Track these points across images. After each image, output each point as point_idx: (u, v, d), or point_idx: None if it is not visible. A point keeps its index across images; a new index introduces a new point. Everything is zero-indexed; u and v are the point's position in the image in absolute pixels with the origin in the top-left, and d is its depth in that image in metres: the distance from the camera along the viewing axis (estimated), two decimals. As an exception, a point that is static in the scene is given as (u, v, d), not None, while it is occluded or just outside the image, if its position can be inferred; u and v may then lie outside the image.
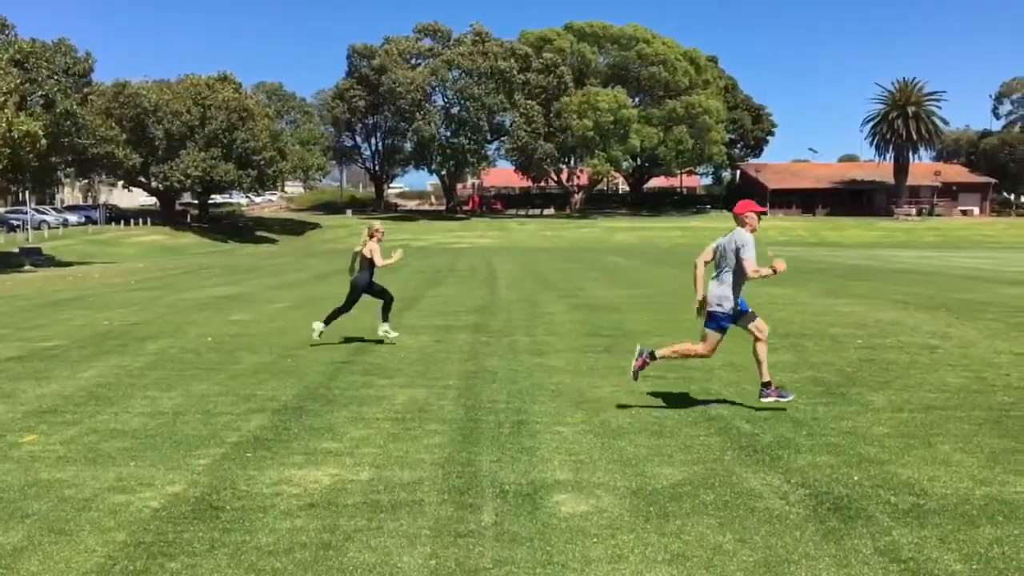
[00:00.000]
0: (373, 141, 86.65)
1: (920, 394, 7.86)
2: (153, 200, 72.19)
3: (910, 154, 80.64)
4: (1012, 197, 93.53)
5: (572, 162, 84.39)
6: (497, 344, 11.29)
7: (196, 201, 71.34)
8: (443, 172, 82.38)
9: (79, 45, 41.73)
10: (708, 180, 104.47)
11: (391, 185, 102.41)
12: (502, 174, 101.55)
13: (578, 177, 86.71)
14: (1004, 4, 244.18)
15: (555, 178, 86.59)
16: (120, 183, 67.44)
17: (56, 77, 37.61)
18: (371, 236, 11.10)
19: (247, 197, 77.45)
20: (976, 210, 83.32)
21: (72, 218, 63.38)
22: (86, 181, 69.89)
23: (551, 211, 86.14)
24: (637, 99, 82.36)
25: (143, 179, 63.15)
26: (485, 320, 14.15)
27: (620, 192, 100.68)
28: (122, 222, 62.46)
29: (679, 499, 4.98)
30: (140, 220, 63.94)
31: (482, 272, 28.54)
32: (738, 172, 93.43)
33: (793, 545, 4.28)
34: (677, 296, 18.13)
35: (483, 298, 18.43)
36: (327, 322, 11.17)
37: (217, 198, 76.72)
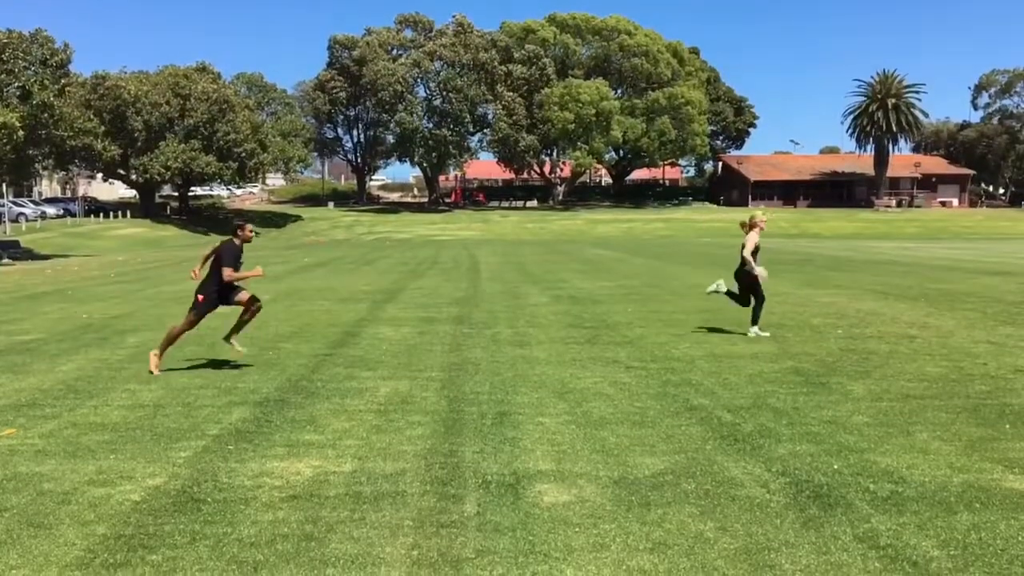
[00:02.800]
0: (355, 133, 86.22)
1: (899, 383, 7.93)
2: (133, 193, 71.52)
3: (890, 146, 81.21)
4: (990, 188, 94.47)
5: (555, 154, 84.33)
6: (480, 336, 11.29)
7: (176, 194, 70.76)
8: (425, 164, 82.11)
9: (56, 36, 41.07)
10: (690, 172, 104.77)
11: (373, 177, 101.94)
12: (485, 166, 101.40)
13: (561, 169, 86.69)
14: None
15: (538, 170, 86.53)
16: (99, 175, 66.80)
17: (33, 68, 37.14)
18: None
19: (228, 190, 76.90)
20: (955, 201, 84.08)
21: (50, 211, 62.67)
22: (64, 174, 69.08)
23: (534, 203, 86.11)
24: (619, 91, 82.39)
25: (122, 171, 62.56)
26: (468, 312, 14.14)
27: (603, 184, 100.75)
28: (101, 215, 61.86)
29: (661, 488, 5.01)
30: (120, 213, 63.36)
31: (465, 264, 28.52)
32: (720, 164, 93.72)
33: (773, 533, 4.31)
34: (659, 288, 18.19)
35: (466, 290, 18.42)
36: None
37: (197, 190, 76.14)
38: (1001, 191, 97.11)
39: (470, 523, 4.46)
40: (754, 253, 10.86)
